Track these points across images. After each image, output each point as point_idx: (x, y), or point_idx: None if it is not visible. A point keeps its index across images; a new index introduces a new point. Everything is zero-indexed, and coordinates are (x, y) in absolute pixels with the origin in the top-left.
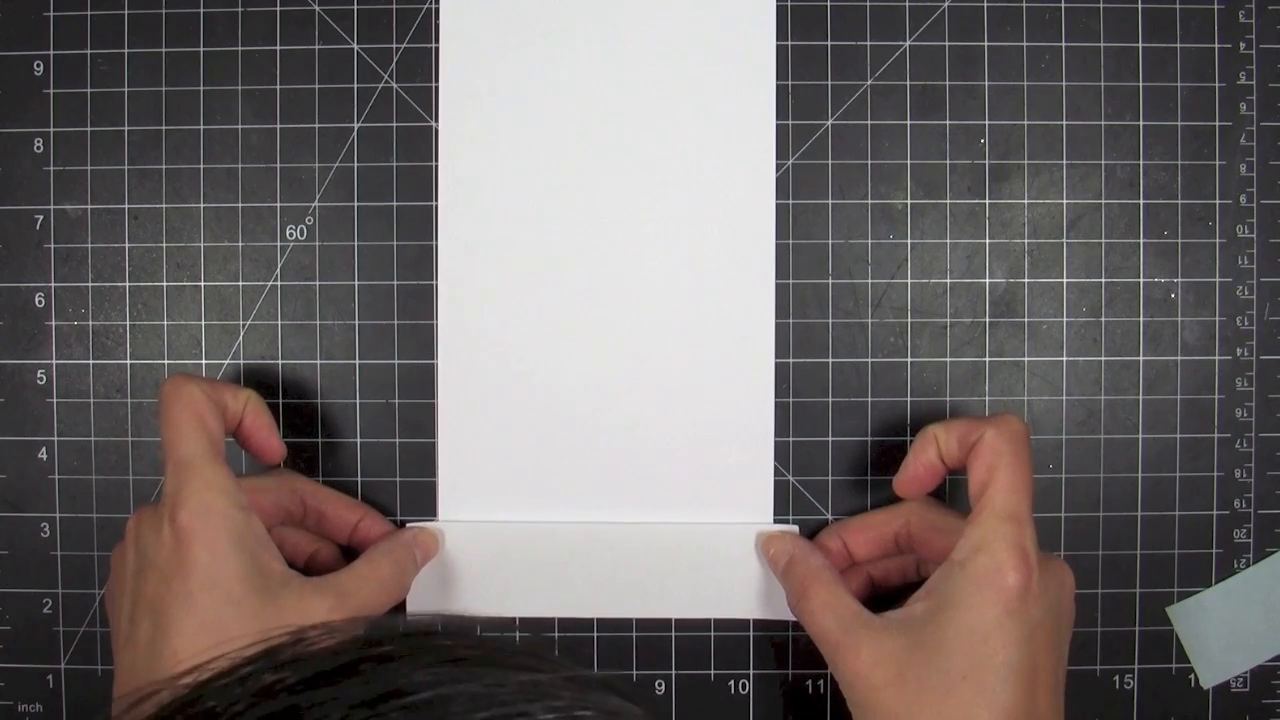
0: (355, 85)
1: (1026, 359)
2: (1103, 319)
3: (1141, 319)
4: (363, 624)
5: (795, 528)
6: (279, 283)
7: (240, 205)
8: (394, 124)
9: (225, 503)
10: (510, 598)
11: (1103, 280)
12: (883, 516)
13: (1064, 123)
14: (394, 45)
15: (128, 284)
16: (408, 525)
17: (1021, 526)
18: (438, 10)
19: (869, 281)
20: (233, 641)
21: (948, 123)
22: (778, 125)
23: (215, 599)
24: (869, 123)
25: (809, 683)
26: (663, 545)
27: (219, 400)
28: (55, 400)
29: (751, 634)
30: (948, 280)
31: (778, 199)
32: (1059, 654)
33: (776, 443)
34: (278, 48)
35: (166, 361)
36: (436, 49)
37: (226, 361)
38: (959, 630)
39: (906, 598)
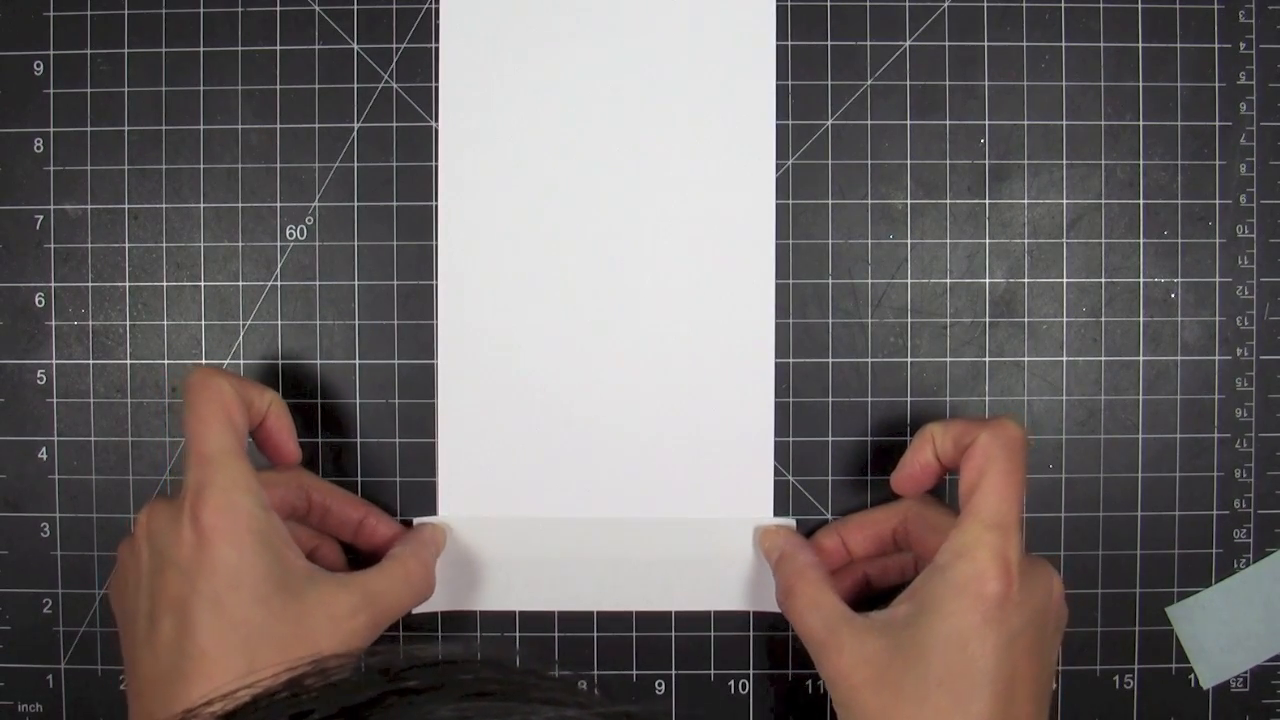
0: (355, 85)
1: (1026, 359)
2: (1103, 319)
3: (1141, 319)
4: (387, 655)
5: (793, 521)
6: (279, 283)
7: (240, 205)
8: (394, 124)
9: (249, 501)
10: (511, 592)
11: (1103, 280)
12: (881, 514)
13: (1064, 123)
14: (394, 45)
15: (128, 284)
16: (417, 522)
17: (1006, 534)
18: (438, 10)
19: (869, 281)
20: (259, 671)
21: (948, 123)
22: (778, 125)
23: (242, 598)
24: (869, 123)
25: (809, 683)
26: (663, 540)
27: (245, 397)
28: (55, 400)
29: (751, 634)
30: (948, 280)
31: (778, 199)
32: (1043, 661)
33: (776, 443)
34: (278, 48)
35: (166, 362)
36: (436, 49)
37: (226, 361)
38: (937, 636)
39: None
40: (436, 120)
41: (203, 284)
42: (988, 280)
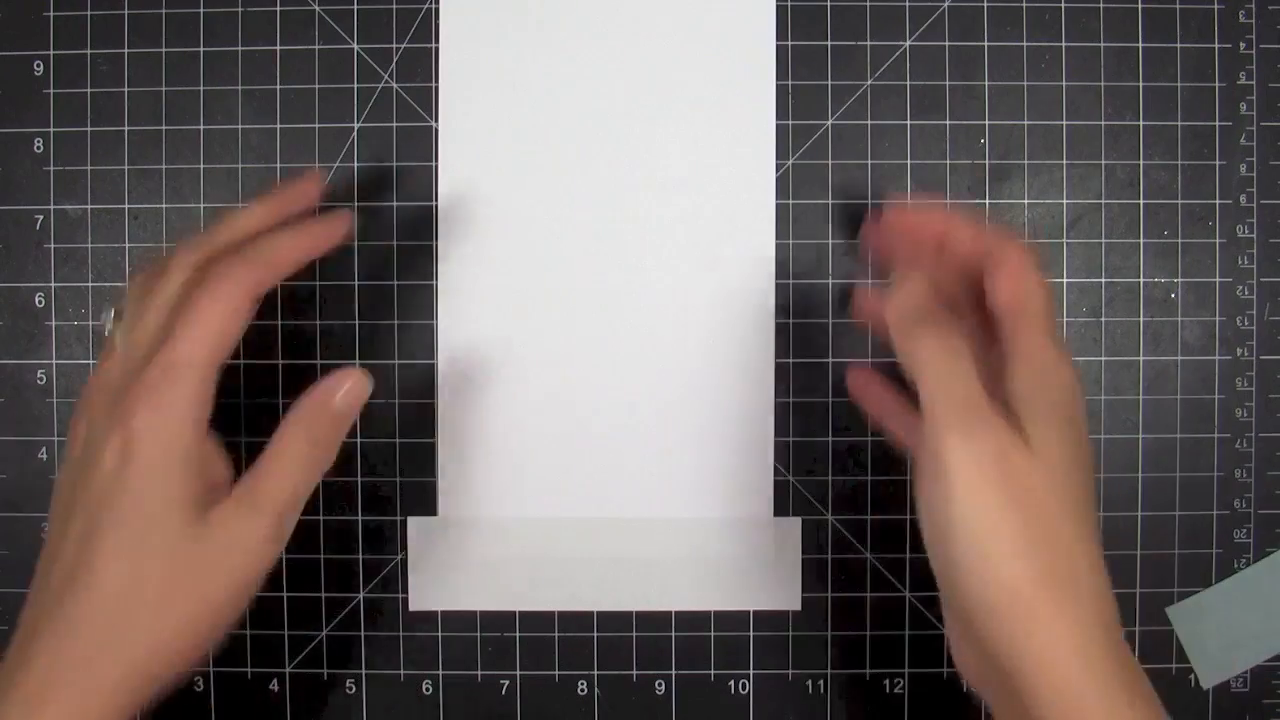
0: (355, 85)
1: None
2: (1103, 319)
3: (1141, 319)
4: None
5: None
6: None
7: (240, 205)
8: (394, 124)
9: (189, 431)
10: (511, 592)
11: (1103, 280)
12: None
13: (1064, 123)
14: (394, 45)
15: (127, 284)
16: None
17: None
18: (438, 10)
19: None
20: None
21: (948, 123)
22: (778, 125)
23: (150, 535)
24: (869, 123)
25: (809, 683)
26: (663, 540)
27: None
28: (55, 400)
29: (751, 634)
30: None
31: (778, 199)
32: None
33: (776, 443)
34: (278, 48)
35: None
36: (436, 49)
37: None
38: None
39: None
40: (436, 120)
41: None
42: None
